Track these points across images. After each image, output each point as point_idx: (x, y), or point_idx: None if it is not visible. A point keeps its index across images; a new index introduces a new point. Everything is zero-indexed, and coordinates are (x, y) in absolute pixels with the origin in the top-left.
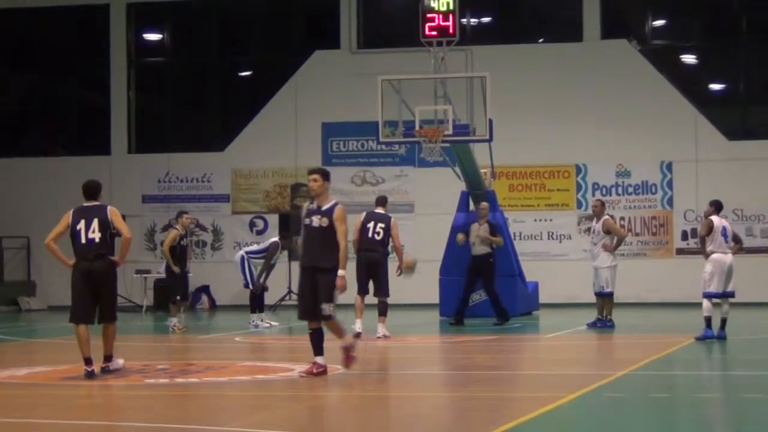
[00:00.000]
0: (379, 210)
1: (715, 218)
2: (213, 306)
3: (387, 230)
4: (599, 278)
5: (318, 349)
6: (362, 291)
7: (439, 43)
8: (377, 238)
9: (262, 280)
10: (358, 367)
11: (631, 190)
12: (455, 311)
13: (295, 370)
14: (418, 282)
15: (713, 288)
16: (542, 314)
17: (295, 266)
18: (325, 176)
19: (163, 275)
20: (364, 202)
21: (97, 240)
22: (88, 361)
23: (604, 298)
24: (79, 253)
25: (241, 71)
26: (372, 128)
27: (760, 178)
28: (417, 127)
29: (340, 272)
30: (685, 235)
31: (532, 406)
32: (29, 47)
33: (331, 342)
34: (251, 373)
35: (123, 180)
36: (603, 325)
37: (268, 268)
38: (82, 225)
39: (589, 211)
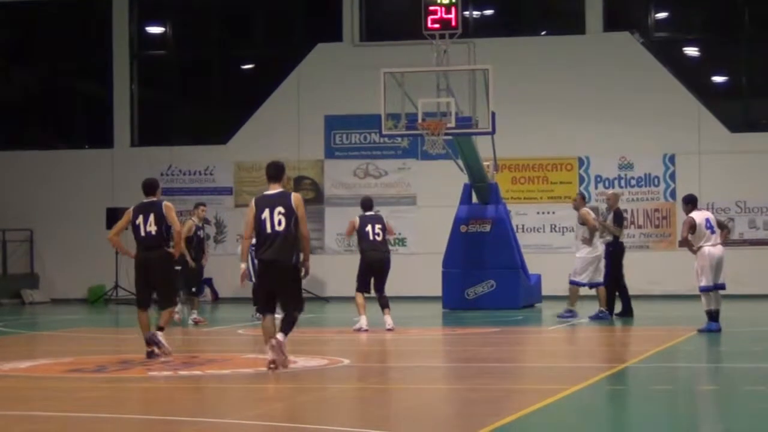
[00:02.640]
0: (370, 213)
1: (695, 214)
2: (216, 298)
3: (384, 229)
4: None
5: None
6: (364, 289)
7: (442, 36)
8: (378, 239)
9: None
10: (361, 359)
11: (633, 182)
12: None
13: (298, 362)
14: (421, 274)
15: (705, 282)
16: (545, 307)
17: None
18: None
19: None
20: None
21: (153, 233)
22: (149, 343)
23: (573, 286)
24: (138, 245)
25: (244, 64)
26: (375, 121)
27: (762, 170)
28: (420, 120)
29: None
30: None
31: (535, 399)
32: (31, 40)
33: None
34: (254, 366)
35: (125, 173)
36: (605, 316)
37: None
38: (140, 219)
39: (593, 204)
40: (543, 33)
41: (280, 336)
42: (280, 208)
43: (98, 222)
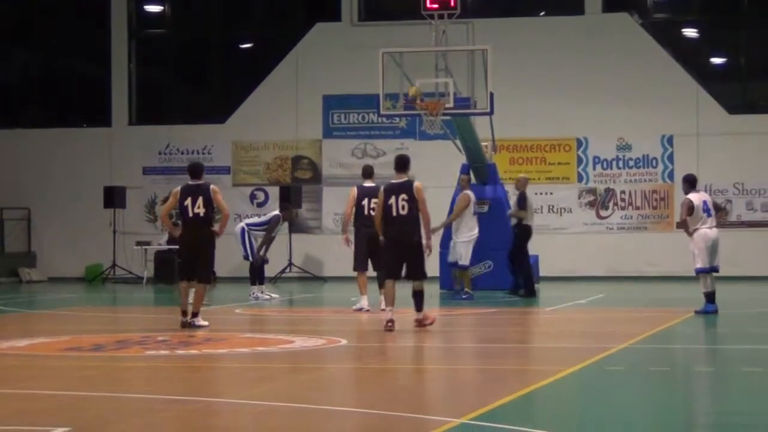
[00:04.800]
0: (368, 183)
1: (693, 196)
2: (213, 278)
3: None
4: (455, 251)
5: None
6: (363, 267)
7: (441, 16)
8: (374, 213)
9: (262, 253)
10: (360, 340)
11: (632, 163)
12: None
13: (295, 342)
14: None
15: (701, 264)
16: (542, 287)
17: (296, 238)
18: None
19: (165, 247)
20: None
21: (201, 215)
22: (184, 313)
23: (461, 270)
24: (185, 225)
25: (242, 43)
26: (373, 101)
27: (760, 152)
28: (418, 100)
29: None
30: None
31: (533, 379)
32: (30, 19)
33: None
34: (251, 346)
35: (123, 152)
36: (459, 297)
37: (269, 240)
38: (189, 201)
39: (591, 185)
40: (542, 13)
41: (418, 315)
42: (403, 195)
43: (96, 201)
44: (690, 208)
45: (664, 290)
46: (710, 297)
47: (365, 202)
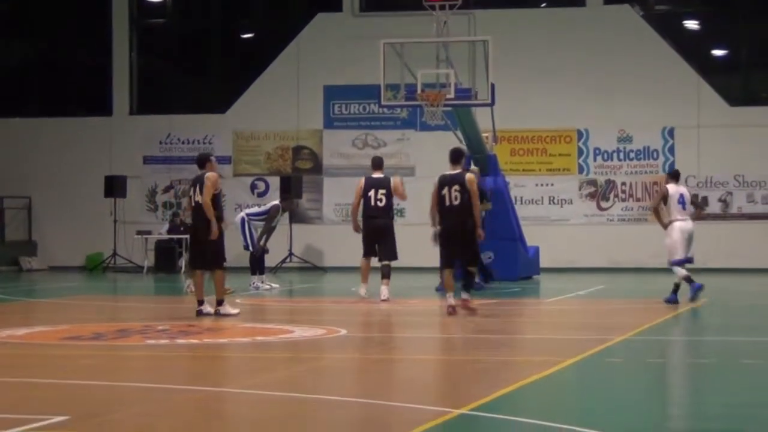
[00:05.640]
0: (377, 174)
1: (671, 186)
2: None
3: (389, 194)
4: None
5: None
6: (368, 253)
7: (442, 7)
8: (380, 204)
9: (262, 243)
10: (359, 330)
11: (632, 155)
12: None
13: (295, 332)
14: (419, 245)
15: (679, 255)
16: (542, 279)
17: (297, 228)
18: None
19: (166, 236)
20: (365, 165)
21: (200, 202)
22: (199, 302)
23: None
24: (191, 213)
25: (244, 33)
26: (374, 91)
27: (761, 144)
28: (419, 91)
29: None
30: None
31: (532, 370)
32: (31, 8)
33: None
34: (251, 335)
35: (124, 141)
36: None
37: (269, 230)
38: (192, 191)
39: (592, 176)
40: (543, 5)
41: (465, 295)
42: (456, 186)
43: (97, 190)
44: (664, 197)
45: (665, 282)
46: (690, 279)
47: (371, 193)
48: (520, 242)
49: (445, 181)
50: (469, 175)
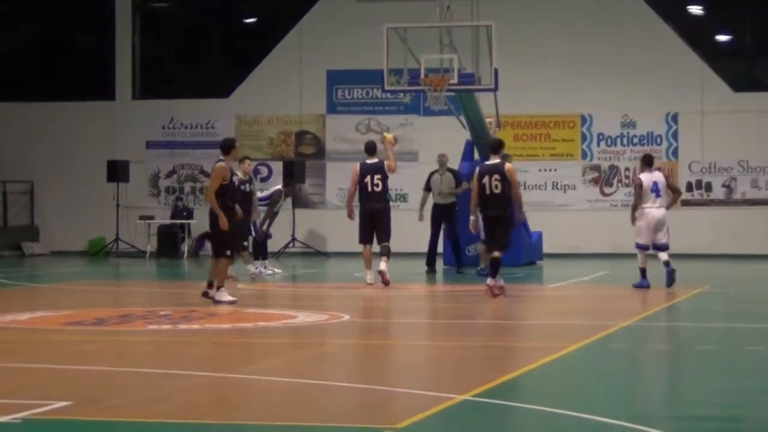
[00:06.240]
0: (371, 160)
1: (644, 176)
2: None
3: (384, 178)
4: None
5: None
6: (367, 240)
7: None
8: (377, 189)
9: (265, 228)
10: (362, 315)
11: (636, 141)
12: (427, 259)
13: (298, 318)
14: (422, 230)
15: (642, 240)
16: (546, 264)
17: (300, 213)
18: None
19: (168, 221)
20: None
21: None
22: (209, 284)
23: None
24: None
25: (247, 17)
26: (377, 76)
27: (765, 130)
28: (422, 76)
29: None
30: (690, 187)
31: (535, 356)
32: None
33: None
34: (254, 321)
35: (127, 126)
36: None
37: (272, 215)
38: (368, 179)
39: (595, 162)
40: None
41: (501, 281)
42: (496, 175)
43: (99, 175)
44: (638, 187)
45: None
46: (643, 272)
47: (368, 179)
48: (523, 228)
49: (485, 171)
50: (508, 165)
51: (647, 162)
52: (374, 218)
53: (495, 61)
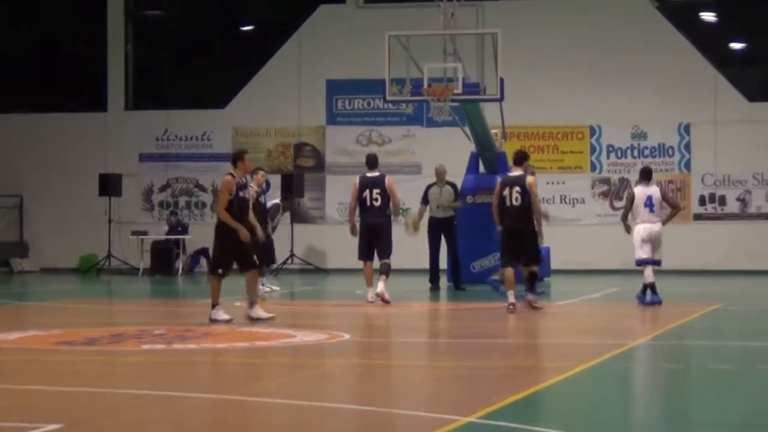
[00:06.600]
0: (371, 173)
1: (637, 189)
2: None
3: (383, 192)
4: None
5: None
6: (367, 257)
7: None
8: (376, 204)
9: None
10: (363, 334)
11: (647, 152)
12: (431, 276)
13: (297, 337)
14: (426, 246)
15: (642, 255)
16: (554, 281)
17: (298, 228)
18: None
19: (163, 237)
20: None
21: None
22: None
23: None
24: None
25: (244, 25)
26: (378, 86)
27: None
28: (425, 86)
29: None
30: (702, 200)
31: (543, 376)
32: (25, 0)
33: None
34: (251, 340)
35: (119, 138)
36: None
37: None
38: (367, 193)
39: (604, 175)
40: None
41: (530, 296)
42: (517, 188)
43: (91, 188)
44: (631, 201)
45: (680, 284)
46: (652, 288)
47: (366, 193)
48: None
49: (506, 182)
50: (530, 178)
51: (645, 176)
52: (373, 234)
53: (500, 70)
